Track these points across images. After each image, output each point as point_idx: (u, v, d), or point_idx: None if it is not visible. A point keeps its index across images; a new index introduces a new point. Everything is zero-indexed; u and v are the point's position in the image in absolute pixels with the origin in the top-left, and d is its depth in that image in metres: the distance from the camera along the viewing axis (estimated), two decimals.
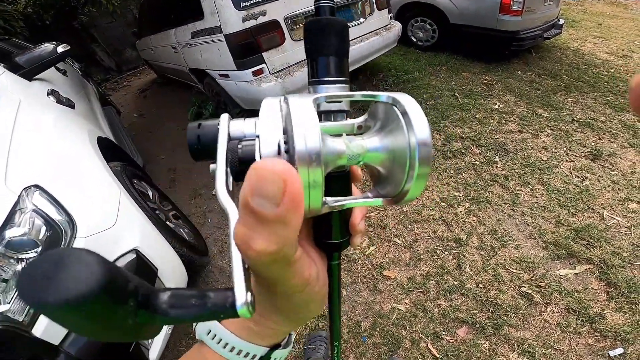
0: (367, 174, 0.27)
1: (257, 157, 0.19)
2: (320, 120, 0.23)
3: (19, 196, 1.00)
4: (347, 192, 0.25)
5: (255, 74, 2.29)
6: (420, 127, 0.19)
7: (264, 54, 2.28)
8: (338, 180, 0.24)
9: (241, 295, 0.15)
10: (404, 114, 0.19)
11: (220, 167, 0.19)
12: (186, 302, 0.15)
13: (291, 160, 0.17)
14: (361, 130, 0.25)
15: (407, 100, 0.20)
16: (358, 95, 0.22)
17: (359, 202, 0.23)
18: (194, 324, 0.25)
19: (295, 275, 0.19)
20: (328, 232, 0.26)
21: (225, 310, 0.15)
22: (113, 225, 1.11)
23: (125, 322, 0.13)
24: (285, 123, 0.19)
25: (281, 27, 2.30)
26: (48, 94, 1.64)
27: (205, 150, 0.22)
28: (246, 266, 0.16)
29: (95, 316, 0.11)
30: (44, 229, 0.99)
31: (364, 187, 1.80)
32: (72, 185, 1.14)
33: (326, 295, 0.25)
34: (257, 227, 0.14)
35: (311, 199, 0.17)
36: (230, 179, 0.20)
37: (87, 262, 0.11)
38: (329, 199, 0.22)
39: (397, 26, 3.23)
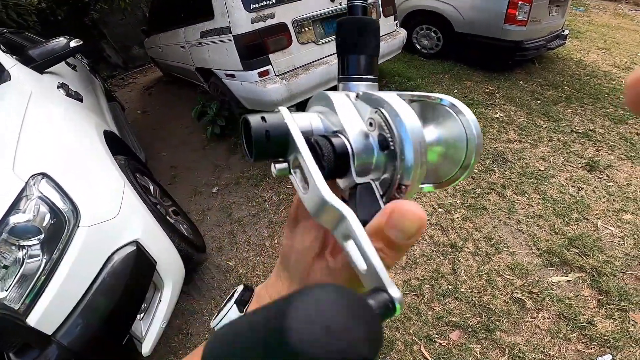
0: None
1: (349, 152, 0.20)
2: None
3: (26, 183, 1.02)
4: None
5: (261, 75, 2.32)
6: (473, 122, 0.21)
7: (270, 55, 2.31)
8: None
9: (396, 292, 0.14)
10: (458, 111, 0.21)
11: (310, 164, 0.18)
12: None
13: (401, 161, 0.18)
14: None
15: (456, 101, 0.22)
16: (421, 94, 0.24)
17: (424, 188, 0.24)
18: (213, 323, 0.28)
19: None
20: None
21: (391, 311, 0.14)
22: (116, 216, 1.13)
23: None
24: (387, 121, 0.19)
25: (289, 30, 2.34)
26: (58, 87, 1.68)
27: (274, 147, 0.20)
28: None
29: None
30: (48, 216, 1.02)
31: None
32: (79, 175, 1.17)
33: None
34: (385, 249, 0.17)
35: (411, 193, 0.19)
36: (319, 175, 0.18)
37: (371, 321, 0.10)
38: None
39: (403, 33, 3.27)
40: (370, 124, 0.20)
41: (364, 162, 0.20)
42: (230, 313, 0.28)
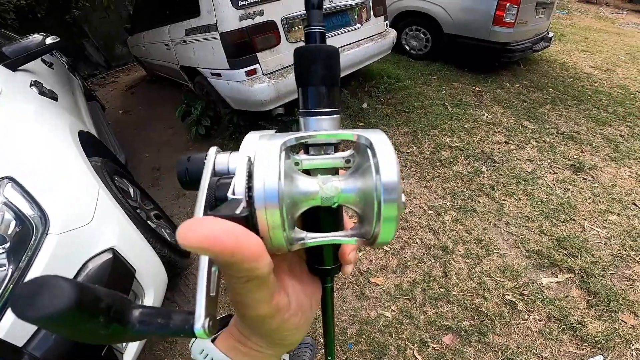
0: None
1: (229, 194, 0.19)
2: (307, 153, 0.24)
3: None
4: (336, 226, 0.26)
5: (248, 74, 2.26)
6: (387, 168, 0.19)
7: (258, 54, 2.25)
8: (326, 215, 0.25)
9: (200, 319, 0.17)
10: (373, 153, 0.20)
11: (199, 203, 0.20)
12: (153, 320, 0.17)
13: (252, 202, 0.18)
14: (349, 164, 0.25)
15: (377, 138, 0.20)
16: (328, 133, 0.23)
17: (334, 240, 0.23)
18: (190, 343, 0.27)
19: (265, 300, 0.20)
20: (319, 259, 0.28)
21: (185, 331, 0.17)
22: (89, 222, 1.06)
23: (97, 331, 0.15)
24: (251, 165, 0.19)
25: (278, 29, 2.29)
26: (31, 85, 1.59)
27: (193, 182, 0.23)
28: (211, 293, 0.18)
29: (68, 327, 0.14)
30: (13, 223, 0.94)
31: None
32: (48, 179, 1.09)
33: (304, 325, 0.25)
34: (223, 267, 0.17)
35: (272, 238, 0.19)
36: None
37: (60, 287, 0.13)
38: (308, 234, 0.23)
39: (392, 33, 3.27)
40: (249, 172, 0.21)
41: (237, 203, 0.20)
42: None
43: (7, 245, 0.92)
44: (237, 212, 0.18)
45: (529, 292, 1.58)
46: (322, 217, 0.25)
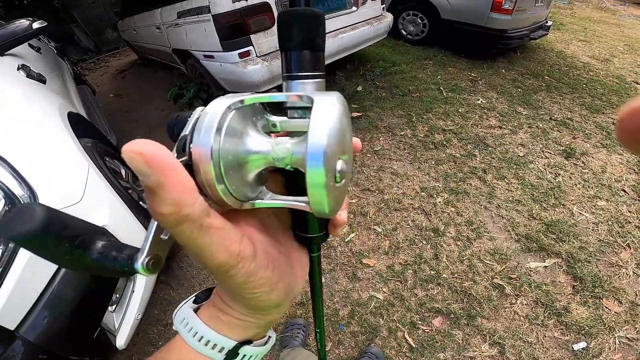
0: None
1: (186, 148, 0.19)
2: (285, 115, 0.24)
3: None
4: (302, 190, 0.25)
5: (241, 55, 2.23)
6: (316, 129, 0.17)
7: (252, 36, 2.21)
8: (292, 177, 0.24)
9: (141, 256, 0.17)
10: (312, 114, 0.18)
11: (174, 151, 0.20)
12: (109, 253, 0.18)
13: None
14: None
15: (322, 100, 0.18)
16: (279, 96, 0.21)
17: (287, 204, 0.22)
18: (174, 313, 0.27)
19: (219, 245, 0.18)
20: (304, 226, 0.27)
21: (129, 266, 0.17)
22: (79, 201, 1.05)
23: (63, 256, 0.17)
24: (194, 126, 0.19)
25: (272, 10, 2.24)
26: (18, 69, 1.57)
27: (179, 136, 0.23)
28: (163, 236, 0.18)
29: (37, 247, 0.16)
30: (2, 202, 0.93)
31: None
32: (36, 158, 1.07)
33: (279, 284, 0.23)
34: (150, 196, 0.16)
35: (209, 191, 0.19)
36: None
37: (33, 212, 0.15)
38: (266, 195, 0.23)
39: (389, 17, 3.23)
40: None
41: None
42: (186, 304, 0.27)
43: None
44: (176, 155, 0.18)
45: (517, 276, 1.61)
46: (292, 180, 0.24)
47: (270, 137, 0.22)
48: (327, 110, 0.18)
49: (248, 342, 0.26)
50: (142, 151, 0.14)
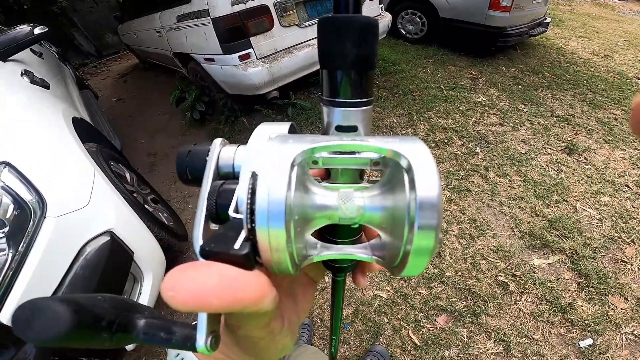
0: None
1: (230, 211, 0.17)
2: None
3: None
4: (355, 237, 0.23)
5: (241, 58, 2.25)
6: (426, 185, 0.15)
7: (251, 38, 2.24)
8: (343, 227, 0.21)
9: (202, 337, 0.16)
10: (408, 169, 0.16)
11: (200, 213, 0.18)
12: (156, 334, 0.17)
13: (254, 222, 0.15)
14: (378, 167, 0.20)
15: (415, 151, 0.16)
16: (356, 144, 0.18)
17: (350, 256, 0.20)
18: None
19: (262, 326, 0.19)
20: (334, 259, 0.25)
21: (188, 347, 0.17)
22: (86, 205, 1.07)
23: (102, 343, 0.15)
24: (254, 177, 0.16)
25: (270, 13, 2.26)
26: (22, 75, 1.58)
27: (194, 181, 0.21)
28: None
29: (72, 343, 0.14)
30: (11, 207, 0.95)
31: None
32: (44, 164, 1.09)
33: (291, 343, 0.24)
34: None
35: (274, 262, 0.16)
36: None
37: (55, 311, 0.13)
38: (322, 247, 0.20)
39: (387, 17, 3.23)
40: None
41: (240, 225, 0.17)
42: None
43: (6, 229, 0.93)
44: (236, 247, 0.15)
45: (521, 273, 1.61)
46: (339, 227, 0.21)
47: (327, 187, 0.19)
48: (429, 161, 0.16)
49: None
50: (192, 307, 0.13)
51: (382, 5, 3.21)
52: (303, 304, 0.27)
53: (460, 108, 2.89)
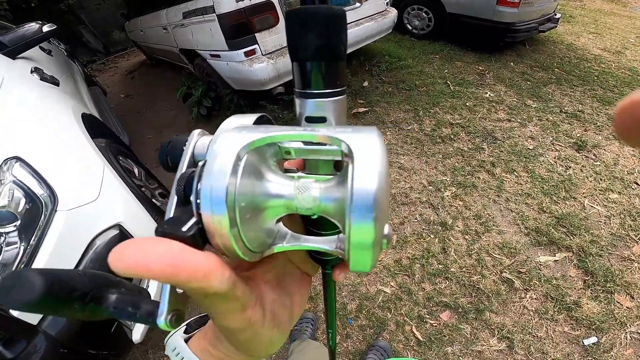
0: None
1: (192, 194, 0.17)
2: (305, 142, 0.20)
3: None
4: (335, 228, 0.22)
5: (247, 54, 2.26)
6: (363, 174, 0.14)
7: (256, 34, 2.24)
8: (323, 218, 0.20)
9: (162, 313, 0.17)
10: (351, 157, 0.15)
11: (171, 199, 0.19)
12: (124, 308, 0.19)
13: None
14: (348, 158, 0.19)
15: (362, 140, 0.16)
16: (301, 134, 0.18)
17: (313, 247, 0.20)
18: (165, 340, 0.27)
19: (233, 312, 0.18)
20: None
21: (149, 322, 0.18)
22: (96, 199, 1.09)
23: (75, 313, 0.17)
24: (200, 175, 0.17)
25: (275, 9, 2.26)
26: (32, 72, 1.61)
27: (175, 168, 0.21)
28: (177, 289, 0.18)
29: (45, 310, 0.15)
30: (23, 201, 0.97)
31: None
32: (55, 158, 1.11)
33: (280, 339, 0.24)
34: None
35: (221, 245, 0.16)
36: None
37: (31, 280, 0.15)
38: (295, 237, 0.20)
39: (393, 12, 3.21)
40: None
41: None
42: (177, 333, 0.28)
43: (18, 222, 0.95)
44: (184, 229, 0.16)
45: (526, 270, 1.60)
46: (321, 218, 0.21)
47: (287, 176, 0.19)
48: (374, 153, 0.15)
49: None
50: (135, 272, 0.13)
51: (387, 0, 3.18)
52: (297, 297, 0.26)
53: (467, 104, 2.87)
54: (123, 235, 1.12)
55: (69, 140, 1.25)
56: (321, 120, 0.21)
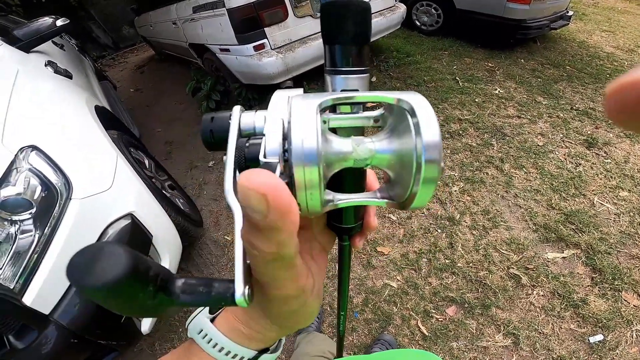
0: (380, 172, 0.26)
1: (261, 157, 0.19)
2: (335, 111, 0.23)
3: (15, 155, 0.98)
4: (360, 188, 0.25)
5: (256, 48, 2.28)
6: (429, 129, 0.18)
7: (266, 29, 2.26)
8: (352, 175, 0.24)
9: (240, 287, 0.17)
10: (412, 114, 0.19)
11: (229, 165, 0.20)
12: (195, 289, 0.18)
13: (289, 161, 0.17)
14: (378, 123, 0.24)
15: (417, 101, 0.19)
16: (366, 96, 0.21)
17: (364, 201, 0.23)
18: (187, 322, 0.27)
19: (292, 280, 0.20)
20: (339, 217, 0.27)
21: (226, 299, 0.18)
22: (109, 188, 1.11)
23: (145, 302, 0.16)
24: (287, 125, 0.18)
25: (285, 4, 2.27)
26: (46, 65, 1.64)
27: (218, 143, 0.23)
28: (247, 261, 0.18)
29: (122, 297, 0.14)
30: (39, 189, 0.98)
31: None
32: (69, 148, 1.13)
33: (318, 308, 0.25)
34: (254, 232, 0.15)
35: (308, 199, 0.18)
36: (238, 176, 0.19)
37: (117, 254, 0.14)
38: (337, 195, 0.22)
39: (402, 8, 3.19)
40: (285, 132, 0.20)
41: (270, 168, 0.19)
42: (201, 315, 0.27)
43: (34, 210, 0.96)
44: (277, 175, 0.17)
45: (534, 267, 1.59)
46: (347, 177, 0.24)
47: (345, 137, 0.22)
48: (429, 110, 0.19)
49: (266, 349, 0.27)
50: (266, 192, 0.14)
51: None
52: (317, 269, 0.27)
53: (476, 100, 2.84)
54: (135, 224, 1.13)
55: (83, 130, 1.28)
56: (355, 91, 0.23)
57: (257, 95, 2.96)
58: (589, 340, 1.35)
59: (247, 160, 0.20)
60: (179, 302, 0.18)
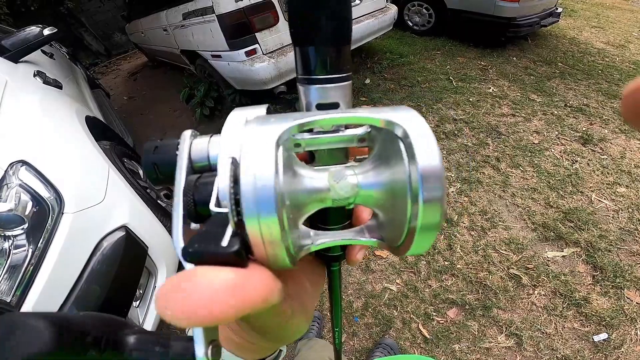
0: None
1: (211, 206, 0.15)
2: (311, 130, 0.18)
3: (5, 171, 0.97)
4: (348, 221, 0.22)
5: (248, 54, 2.26)
6: (425, 152, 0.14)
7: (257, 34, 2.24)
8: (335, 209, 0.19)
9: (200, 348, 0.14)
10: (404, 136, 0.14)
11: (176, 213, 0.16)
12: (150, 348, 0.16)
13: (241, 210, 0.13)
14: (364, 143, 0.19)
15: (408, 117, 0.15)
16: (345, 117, 0.16)
17: (349, 241, 0.19)
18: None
19: (272, 315, 0.18)
20: (326, 248, 0.23)
21: None
22: (101, 201, 1.09)
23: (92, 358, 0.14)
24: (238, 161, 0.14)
25: (275, 8, 2.26)
26: (34, 75, 1.61)
27: (166, 179, 0.18)
28: None
29: None
30: (30, 204, 0.98)
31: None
32: (60, 161, 1.12)
33: (305, 324, 0.23)
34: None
35: (269, 255, 0.14)
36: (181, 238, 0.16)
37: (34, 328, 0.12)
38: (316, 236, 0.19)
39: (393, 9, 3.19)
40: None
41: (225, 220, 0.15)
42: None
43: (26, 226, 0.96)
44: (224, 244, 0.13)
45: (534, 266, 1.59)
46: (330, 211, 0.20)
47: (314, 168, 0.18)
48: (423, 127, 0.15)
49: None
50: (202, 322, 0.11)
51: None
52: (314, 277, 0.26)
53: (470, 99, 2.85)
54: (129, 236, 1.12)
55: (73, 143, 1.26)
56: (334, 106, 0.19)
57: (252, 100, 2.95)
58: (593, 339, 1.34)
59: (196, 204, 0.16)
60: (131, 358, 0.16)
